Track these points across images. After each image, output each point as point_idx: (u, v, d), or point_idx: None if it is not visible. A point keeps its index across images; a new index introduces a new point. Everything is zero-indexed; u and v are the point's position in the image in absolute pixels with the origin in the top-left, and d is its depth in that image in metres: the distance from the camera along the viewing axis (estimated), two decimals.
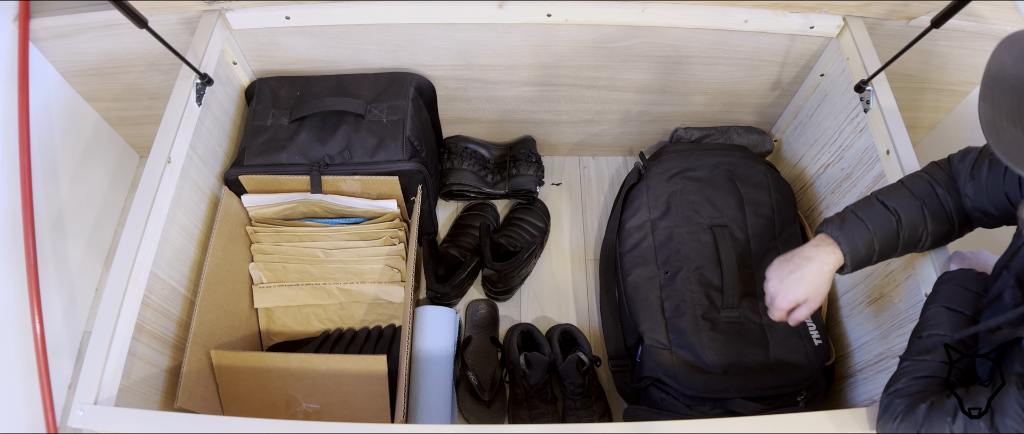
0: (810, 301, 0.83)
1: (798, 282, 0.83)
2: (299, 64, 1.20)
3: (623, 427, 0.78)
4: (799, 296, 0.83)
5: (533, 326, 1.22)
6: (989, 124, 0.55)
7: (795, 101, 1.30)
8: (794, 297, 0.83)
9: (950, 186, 0.83)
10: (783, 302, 0.84)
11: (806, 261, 0.83)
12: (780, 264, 0.86)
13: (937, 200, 0.82)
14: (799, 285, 0.82)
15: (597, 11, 1.08)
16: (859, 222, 0.81)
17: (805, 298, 0.83)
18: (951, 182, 0.83)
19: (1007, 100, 0.56)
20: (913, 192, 0.83)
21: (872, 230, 0.81)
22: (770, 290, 0.86)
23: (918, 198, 0.82)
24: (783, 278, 0.84)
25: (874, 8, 1.08)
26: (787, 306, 0.84)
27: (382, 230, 1.17)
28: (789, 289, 0.83)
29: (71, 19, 1.09)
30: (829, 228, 0.83)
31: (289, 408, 1.08)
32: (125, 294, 0.85)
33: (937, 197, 0.82)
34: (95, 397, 0.79)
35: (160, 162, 0.94)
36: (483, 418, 1.15)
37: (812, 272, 0.82)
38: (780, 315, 0.86)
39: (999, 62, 0.59)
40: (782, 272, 0.85)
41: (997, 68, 0.58)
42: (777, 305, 0.85)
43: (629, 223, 1.22)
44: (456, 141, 1.40)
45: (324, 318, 1.22)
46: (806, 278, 0.82)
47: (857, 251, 0.81)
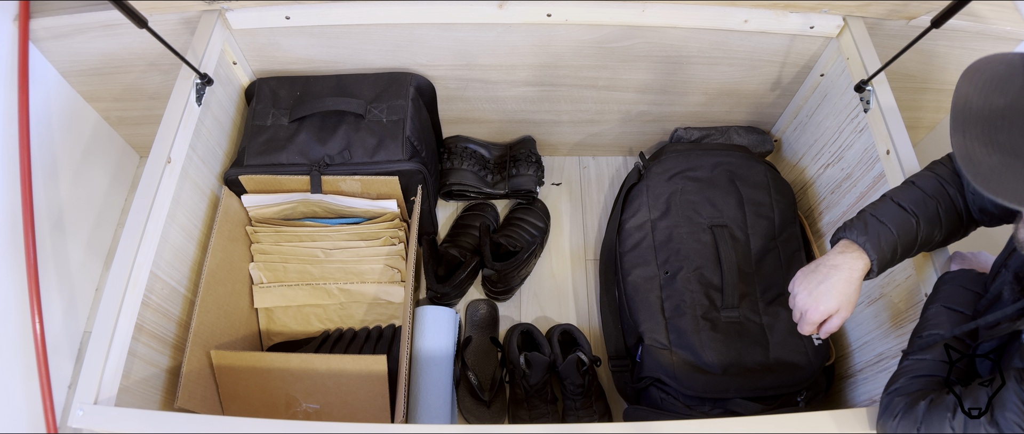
0: (842, 311, 0.80)
1: (828, 292, 0.80)
2: (299, 64, 1.20)
3: (623, 427, 0.78)
4: (830, 307, 0.80)
5: (533, 326, 1.22)
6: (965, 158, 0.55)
7: (795, 101, 1.30)
8: (826, 309, 0.80)
9: (957, 183, 0.83)
10: (815, 315, 0.81)
11: (834, 270, 0.80)
12: (806, 276, 0.83)
13: (949, 198, 0.82)
14: (830, 295, 0.80)
15: (597, 11, 1.08)
16: (881, 225, 0.80)
17: (837, 308, 0.80)
18: (956, 179, 0.83)
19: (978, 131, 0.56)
20: (926, 192, 0.82)
21: (895, 232, 0.79)
22: (799, 304, 0.83)
23: (932, 197, 0.81)
24: (812, 290, 0.81)
25: (874, 8, 1.08)
26: (819, 319, 0.81)
27: (382, 230, 1.17)
28: (820, 300, 0.80)
29: (71, 19, 1.09)
30: (851, 233, 0.81)
31: (289, 408, 1.08)
32: (125, 294, 0.85)
33: (949, 196, 0.82)
34: (95, 397, 0.79)
35: (160, 162, 0.94)
36: (483, 418, 1.15)
37: (841, 280, 0.79)
38: (811, 329, 0.83)
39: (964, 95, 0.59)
40: (809, 284, 0.82)
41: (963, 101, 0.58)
42: (809, 319, 0.82)
43: (629, 223, 1.22)
44: (456, 141, 1.40)
45: (324, 318, 1.22)
46: (836, 287, 0.79)
47: (883, 254, 0.79)
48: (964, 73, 0.60)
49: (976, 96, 0.58)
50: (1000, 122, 0.56)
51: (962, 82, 0.59)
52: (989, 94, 0.58)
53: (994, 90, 0.58)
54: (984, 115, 0.57)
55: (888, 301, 0.99)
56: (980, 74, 0.60)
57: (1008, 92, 0.58)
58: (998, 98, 0.58)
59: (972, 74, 0.60)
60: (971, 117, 0.57)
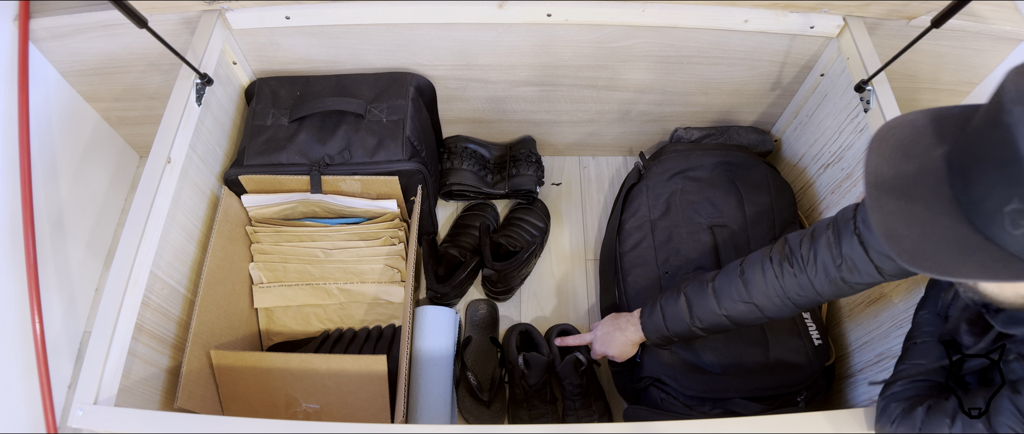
0: (617, 357, 1.05)
1: (611, 342, 1.04)
2: (299, 64, 1.20)
3: (623, 427, 0.78)
4: (609, 353, 1.05)
5: (532, 326, 1.22)
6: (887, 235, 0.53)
7: (795, 101, 1.30)
8: (603, 351, 1.06)
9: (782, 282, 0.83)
10: (597, 350, 1.08)
11: (620, 330, 1.03)
12: (607, 322, 1.06)
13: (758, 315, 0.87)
14: (611, 345, 1.04)
15: (597, 11, 1.08)
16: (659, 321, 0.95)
17: (614, 355, 1.05)
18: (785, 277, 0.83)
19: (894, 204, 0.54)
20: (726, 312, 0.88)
21: (668, 331, 0.95)
22: (594, 334, 1.08)
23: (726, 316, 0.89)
24: (604, 334, 1.06)
25: (874, 8, 1.08)
26: (600, 354, 1.08)
27: (382, 230, 1.17)
28: (603, 345, 1.06)
29: (71, 19, 1.09)
30: (644, 310, 0.99)
31: (289, 408, 1.08)
32: (125, 294, 0.85)
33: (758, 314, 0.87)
34: (95, 397, 0.79)
35: (160, 162, 0.94)
36: (483, 418, 1.15)
37: (621, 340, 1.03)
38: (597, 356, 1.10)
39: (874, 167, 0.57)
40: (604, 329, 1.06)
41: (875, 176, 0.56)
42: (594, 350, 1.09)
43: (629, 223, 1.22)
44: (456, 141, 1.40)
45: (324, 318, 1.22)
46: (617, 341, 1.03)
47: (652, 339, 0.98)
48: (870, 144, 0.58)
49: (886, 167, 0.56)
50: (913, 190, 0.54)
51: (870, 154, 0.57)
52: (897, 162, 0.56)
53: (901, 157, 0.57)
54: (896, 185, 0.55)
55: (888, 301, 0.99)
56: (886, 142, 0.58)
57: (915, 155, 0.56)
58: (906, 164, 0.56)
59: (878, 143, 0.58)
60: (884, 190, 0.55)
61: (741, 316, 0.88)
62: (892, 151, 0.57)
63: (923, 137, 0.57)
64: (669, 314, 0.94)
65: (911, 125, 0.59)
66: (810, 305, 0.84)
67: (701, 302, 0.90)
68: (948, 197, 0.53)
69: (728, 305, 0.88)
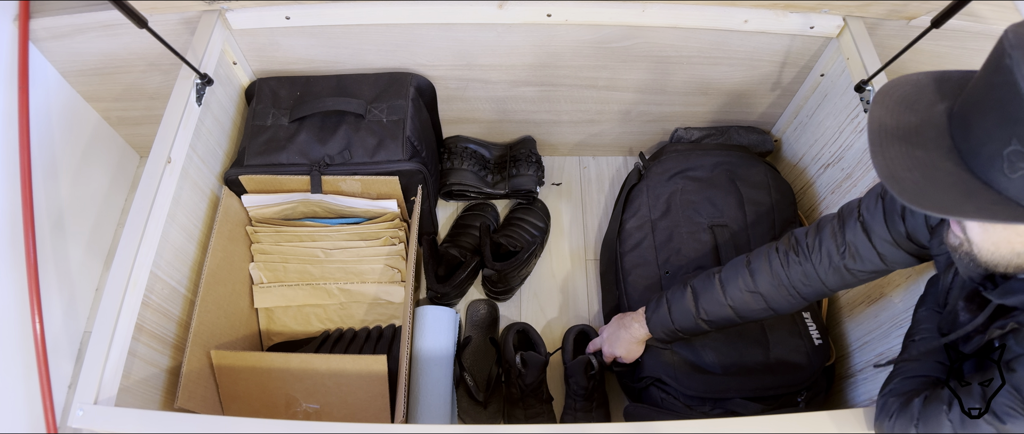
0: (625, 357, 1.05)
1: (618, 341, 1.05)
2: (299, 64, 1.20)
3: (623, 427, 0.78)
4: (617, 353, 1.06)
5: (529, 325, 1.22)
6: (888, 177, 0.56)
7: (795, 101, 1.30)
8: (612, 353, 1.07)
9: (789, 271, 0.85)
10: (607, 352, 1.08)
11: (624, 329, 1.03)
12: (614, 322, 1.07)
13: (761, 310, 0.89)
14: (618, 344, 1.05)
15: (597, 11, 1.08)
16: (664, 316, 0.96)
17: (622, 356, 1.06)
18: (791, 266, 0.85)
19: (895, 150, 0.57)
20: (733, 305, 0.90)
21: (675, 327, 0.95)
22: (601, 339, 1.09)
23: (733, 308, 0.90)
24: (610, 334, 1.07)
25: (874, 8, 1.08)
26: (608, 357, 1.08)
27: (382, 230, 1.17)
28: (611, 345, 1.06)
29: (71, 19, 1.09)
30: (649, 306, 0.99)
31: (289, 408, 1.08)
32: (125, 294, 0.85)
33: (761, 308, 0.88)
34: (95, 397, 0.79)
35: (160, 162, 0.94)
36: (480, 418, 1.15)
37: (627, 338, 1.03)
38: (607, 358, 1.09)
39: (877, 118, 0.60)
40: (610, 329, 1.07)
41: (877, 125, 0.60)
42: (604, 351, 1.09)
43: (629, 223, 1.22)
44: (456, 141, 1.40)
45: (324, 318, 1.22)
46: (623, 341, 1.04)
47: (658, 334, 0.98)
48: (875, 98, 0.61)
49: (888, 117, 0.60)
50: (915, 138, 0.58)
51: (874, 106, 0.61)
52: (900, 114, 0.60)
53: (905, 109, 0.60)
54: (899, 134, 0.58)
55: (888, 301, 0.99)
56: (890, 96, 0.61)
57: (918, 110, 0.59)
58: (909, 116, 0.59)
59: (883, 97, 0.61)
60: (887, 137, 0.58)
61: (747, 308, 0.89)
62: (896, 104, 0.60)
63: (925, 94, 0.61)
64: (675, 308, 0.95)
65: (915, 83, 0.62)
66: (815, 296, 0.86)
67: (707, 294, 0.91)
68: (948, 146, 0.56)
69: (734, 295, 0.89)
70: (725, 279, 0.90)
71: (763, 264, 0.87)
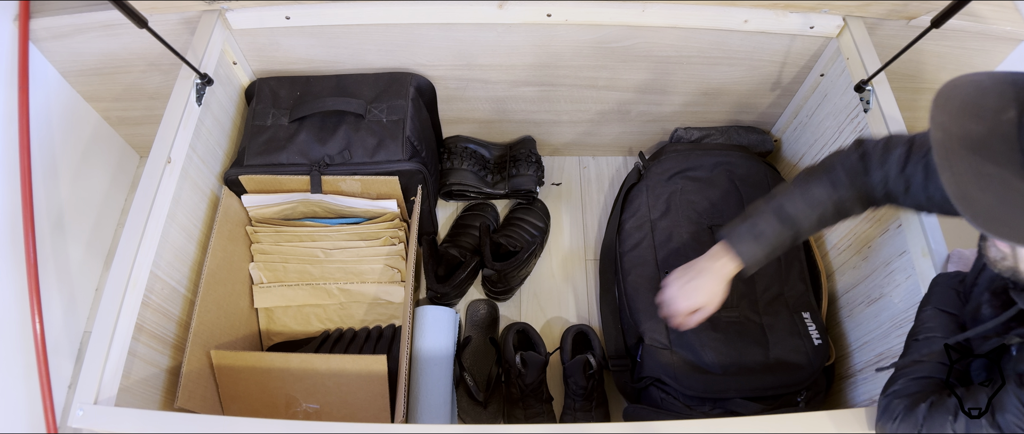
0: (707, 307, 0.91)
1: (697, 290, 0.90)
2: (299, 64, 1.20)
3: (623, 427, 0.78)
4: (696, 302, 0.90)
5: (529, 325, 1.22)
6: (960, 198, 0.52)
7: (795, 101, 1.30)
8: (691, 304, 0.91)
9: (857, 181, 0.83)
10: (681, 306, 0.91)
11: (704, 272, 0.90)
12: (682, 273, 0.93)
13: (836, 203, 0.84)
14: (698, 292, 0.90)
15: (597, 11, 1.08)
16: (756, 239, 0.86)
17: (702, 304, 0.90)
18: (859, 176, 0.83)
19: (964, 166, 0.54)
20: (811, 201, 0.84)
21: (770, 240, 0.85)
22: (669, 295, 0.93)
23: (816, 207, 0.84)
24: (682, 286, 0.91)
25: (874, 8, 1.08)
26: (684, 310, 0.91)
27: (382, 230, 1.17)
28: (689, 295, 0.91)
29: (71, 19, 1.09)
30: (730, 238, 0.88)
31: (289, 408, 1.08)
32: (125, 294, 0.85)
33: (837, 200, 0.84)
34: (95, 397, 0.79)
35: (160, 162, 0.94)
36: (480, 418, 1.15)
37: (710, 281, 0.89)
38: (677, 318, 0.93)
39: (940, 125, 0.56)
40: (682, 280, 0.92)
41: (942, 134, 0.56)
42: (675, 308, 0.92)
43: (629, 223, 1.22)
44: (456, 141, 1.40)
45: (324, 318, 1.22)
46: (705, 286, 0.89)
47: (755, 259, 0.86)
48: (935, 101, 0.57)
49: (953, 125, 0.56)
50: (984, 152, 0.54)
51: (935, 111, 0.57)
52: (965, 122, 0.56)
53: (969, 117, 0.56)
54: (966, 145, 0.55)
55: (888, 301, 0.99)
56: (952, 100, 0.57)
57: (983, 117, 0.56)
58: (974, 125, 0.55)
59: (944, 101, 0.57)
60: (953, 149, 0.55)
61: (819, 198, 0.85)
62: (959, 110, 0.57)
63: (989, 98, 0.57)
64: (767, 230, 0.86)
65: (976, 85, 0.58)
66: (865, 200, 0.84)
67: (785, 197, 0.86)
68: (1020, 162, 0.53)
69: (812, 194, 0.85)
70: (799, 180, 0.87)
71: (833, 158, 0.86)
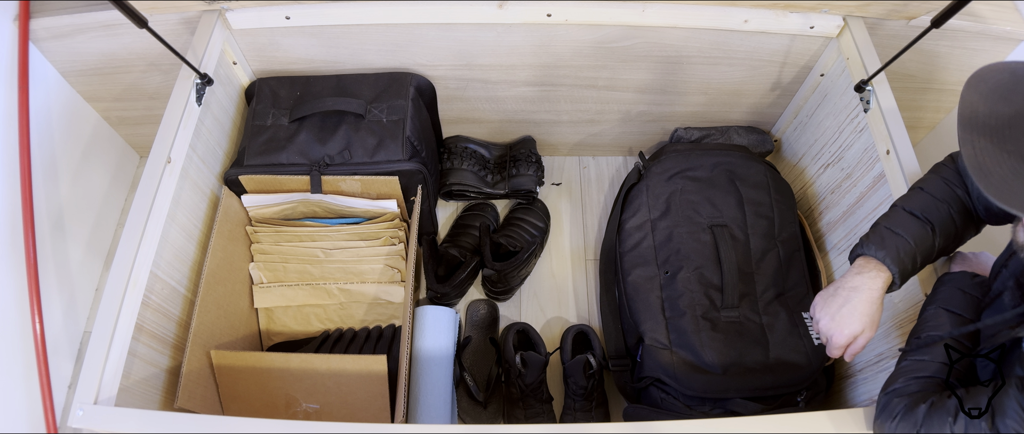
0: (867, 331, 0.80)
1: (851, 314, 0.80)
2: (299, 64, 1.20)
3: (623, 427, 0.78)
4: (855, 329, 0.80)
5: (529, 325, 1.22)
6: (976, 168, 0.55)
7: (795, 101, 1.30)
8: (851, 332, 0.80)
9: (963, 184, 0.83)
10: (840, 339, 0.81)
11: (854, 292, 0.80)
12: (826, 300, 0.83)
13: (958, 200, 0.82)
14: (853, 318, 0.80)
15: (597, 11, 1.08)
16: (896, 236, 0.79)
17: (861, 329, 0.80)
18: (961, 179, 0.83)
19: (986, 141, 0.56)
20: (935, 196, 0.82)
21: (911, 242, 0.79)
22: (823, 329, 0.83)
23: (943, 201, 0.81)
24: (833, 314, 0.81)
25: (874, 8, 1.08)
26: (845, 342, 0.81)
27: (382, 230, 1.17)
28: (844, 324, 0.80)
29: (71, 19, 1.09)
30: (868, 249, 0.81)
31: (289, 408, 1.08)
32: (125, 294, 0.85)
33: (957, 197, 0.82)
34: (95, 397, 0.79)
35: (160, 162, 0.94)
36: (480, 418, 1.15)
37: (863, 302, 0.79)
38: (839, 353, 0.82)
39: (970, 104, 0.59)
40: (831, 308, 0.82)
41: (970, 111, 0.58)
42: (835, 343, 0.81)
43: (629, 223, 1.22)
44: (456, 141, 1.40)
45: (324, 318, 1.22)
46: (858, 309, 0.79)
47: (904, 266, 0.79)
48: (969, 81, 0.60)
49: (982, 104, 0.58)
50: (1008, 131, 0.56)
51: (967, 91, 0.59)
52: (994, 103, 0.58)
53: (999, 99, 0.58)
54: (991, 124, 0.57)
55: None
56: (985, 82, 0.60)
57: (1013, 101, 0.58)
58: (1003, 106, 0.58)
59: (977, 82, 0.60)
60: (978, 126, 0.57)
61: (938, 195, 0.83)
62: (991, 91, 0.59)
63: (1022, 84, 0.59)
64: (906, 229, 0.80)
65: (1012, 72, 0.60)
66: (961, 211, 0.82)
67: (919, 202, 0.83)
68: None
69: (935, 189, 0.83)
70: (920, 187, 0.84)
71: None
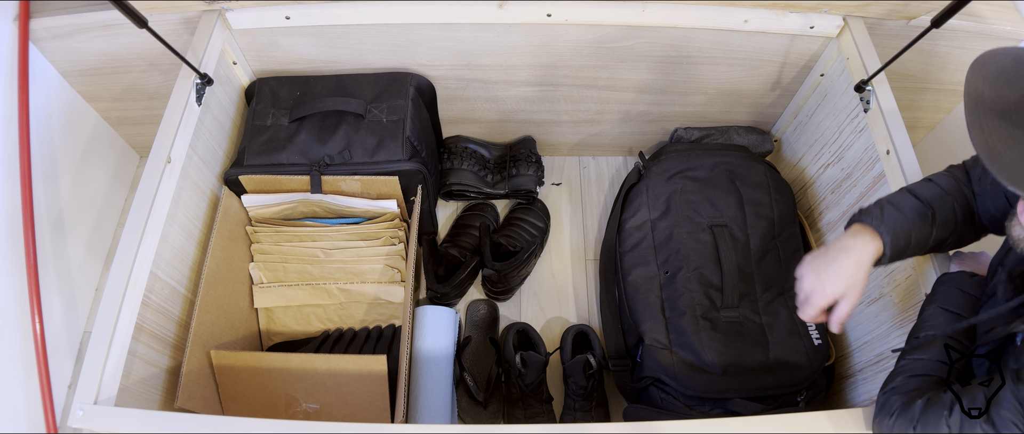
0: (849, 295, 0.78)
1: (836, 274, 0.77)
2: (299, 64, 1.20)
3: (623, 427, 0.78)
4: (838, 290, 0.78)
5: (529, 325, 1.22)
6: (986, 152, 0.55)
7: (795, 101, 1.30)
8: (833, 292, 0.78)
9: (971, 188, 0.83)
10: (821, 298, 0.78)
11: (843, 252, 0.78)
12: (815, 258, 0.81)
13: (965, 198, 0.82)
14: (838, 278, 0.77)
15: (597, 11, 1.08)
16: (897, 212, 0.79)
17: (844, 292, 0.78)
18: (970, 181, 0.83)
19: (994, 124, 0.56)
20: (944, 188, 0.82)
21: (909, 220, 0.78)
22: (805, 287, 0.81)
23: (949, 194, 0.81)
24: (819, 272, 0.79)
25: (874, 8, 1.08)
26: (825, 302, 0.79)
27: (382, 230, 1.17)
28: (827, 283, 0.78)
29: (71, 19, 1.09)
30: (866, 218, 0.80)
31: (289, 408, 1.08)
32: (125, 294, 0.85)
33: (965, 196, 0.82)
34: (95, 397, 0.79)
35: (160, 162, 0.94)
36: (480, 418, 1.15)
37: (850, 263, 0.77)
38: (814, 312, 0.80)
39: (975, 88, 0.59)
40: (817, 266, 0.80)
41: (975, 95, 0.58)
42: (814, 302, 0.79)
43: (629, 223, 1.22)
44: (456, 141, 1.40)
45: (324, 318, 1.22)
46: (845, 270, 0.77)
47: (897, 239, 0.78)
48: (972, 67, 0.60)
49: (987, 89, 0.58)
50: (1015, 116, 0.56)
51: (971, 75, 0.59)
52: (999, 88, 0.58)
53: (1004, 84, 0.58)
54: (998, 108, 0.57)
55: (888, 301, 0.99)
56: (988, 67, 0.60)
57: (1018, 86, 0.58)
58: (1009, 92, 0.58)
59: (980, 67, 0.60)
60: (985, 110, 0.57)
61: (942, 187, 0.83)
62: (995, 76, 0.59)
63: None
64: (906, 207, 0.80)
65: (1015, 58, 0.60)
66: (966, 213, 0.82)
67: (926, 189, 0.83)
68: None
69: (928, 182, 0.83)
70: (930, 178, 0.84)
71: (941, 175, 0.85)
